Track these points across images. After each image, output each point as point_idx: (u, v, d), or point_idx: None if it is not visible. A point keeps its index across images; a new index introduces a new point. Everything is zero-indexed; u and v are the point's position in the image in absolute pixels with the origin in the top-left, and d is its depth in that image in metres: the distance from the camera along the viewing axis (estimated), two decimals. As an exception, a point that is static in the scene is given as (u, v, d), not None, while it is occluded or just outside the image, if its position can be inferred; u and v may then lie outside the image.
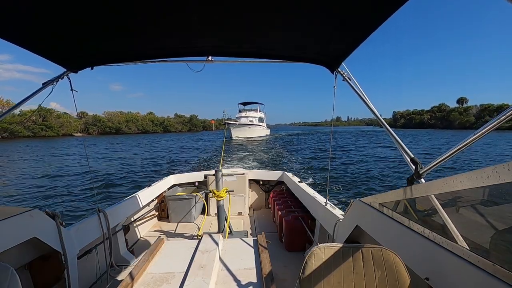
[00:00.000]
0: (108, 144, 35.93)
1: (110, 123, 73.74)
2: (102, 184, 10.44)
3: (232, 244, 2.49)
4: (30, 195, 9.19)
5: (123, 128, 74.81)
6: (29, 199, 8.68)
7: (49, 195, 9.04)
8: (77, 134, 66.06)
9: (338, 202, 7.43)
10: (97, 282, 2.41)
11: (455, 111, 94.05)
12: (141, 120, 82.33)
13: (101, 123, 72.60)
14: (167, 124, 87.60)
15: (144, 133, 78.61)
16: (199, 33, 1.64)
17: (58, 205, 7.79)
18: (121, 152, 24.82)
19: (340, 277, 1.12)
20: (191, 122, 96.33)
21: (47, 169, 14.86)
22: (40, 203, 8.28)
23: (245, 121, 41.66)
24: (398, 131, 15.22)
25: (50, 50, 1.76)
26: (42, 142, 41.97)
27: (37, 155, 23.26)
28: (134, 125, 78.72)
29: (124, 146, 32.70)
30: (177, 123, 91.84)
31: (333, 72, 2.11)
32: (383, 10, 1.22)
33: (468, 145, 1.06)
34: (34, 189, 9.97)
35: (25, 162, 18.53)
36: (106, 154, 22.79)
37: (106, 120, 74.03)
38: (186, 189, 4.61)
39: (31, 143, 37.96)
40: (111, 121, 74.62)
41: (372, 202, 1.74)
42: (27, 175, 12.92)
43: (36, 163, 18.05)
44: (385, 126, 1.75)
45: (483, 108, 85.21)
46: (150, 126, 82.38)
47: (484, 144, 25.35)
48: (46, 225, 1.87)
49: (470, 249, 1.03)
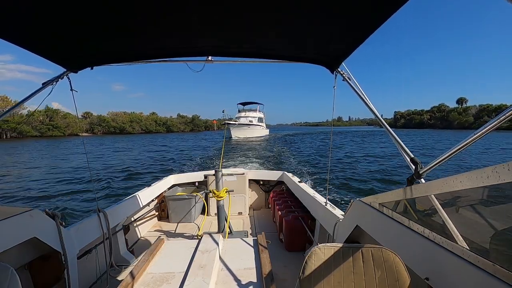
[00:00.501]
0: (121, 142, 37.72)
1: (114, 123, 76.22)
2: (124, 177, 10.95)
3: (232, 244, 2.49)
4: (35, 194, 9.22)
5: (127, 128, 77.13)
6: (31, 199, 8.70)
7: (49, 195, 9.05)
8: (82, 134, 69.39)
9: (338, 202, 7.44)
10: (97, 282, 2.41)
11: (454, 111, 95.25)
12: (145, 120, 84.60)
13: (106, 123, 75.01)
14: (170, 124, 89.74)
15: (147, 133, 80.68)
16: (199, 33, 1.64)
17: (59, 205, 7.79)
18: (133, 151, 26.04)
19: (340, 277, 1.12)
20: (193, 122, 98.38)
21: (53, 169, 15.10)
22: (43, 202, 8.31)
23: (244, 121, 41.80)
24: (398, 131, 15.79)
25: (50, 50, 1.76)
26: (49, 141, 43.06)
27: (49, 154, 23.88)
28: (138, 125, 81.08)
29: (134, 145, 34.15)
30: (179, 123, 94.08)
31: (333, 72, 2.11)
32: (383, 10, 1.22)
33: (468, 145, 1.06)
34: (34, 189, 9.99)
35: (34, 161, 18.92)
36: (121, 153, 24.14)
37: (110, 120, 76.35)
38: (186, 189, 4.61)
39: (39, 143, 38.98)
40: (115, 121, 77.19)
41: (372, 202, 1.74)
42: (34, 175, 13.10)
43: (44, 161, 18.56)
44: (385, 126, 1.75)
45: (482, 109, 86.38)
46: (153, 126, 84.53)
47: (485, 143, 25.65)
48: (46, 225, 1.87)
49: (470, 249, 1.03)
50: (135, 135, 71.76)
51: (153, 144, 34.93)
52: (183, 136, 57.27)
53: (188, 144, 33.97)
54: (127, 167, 14.60)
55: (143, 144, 34.55)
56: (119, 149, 28.37)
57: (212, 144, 32.27)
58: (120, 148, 29.59)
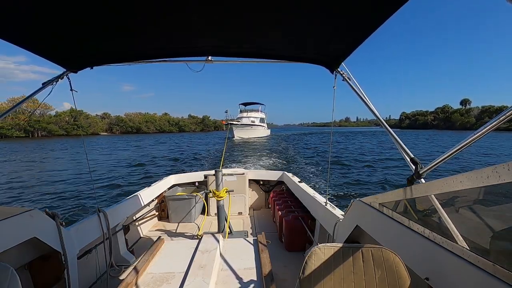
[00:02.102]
0: (151, 141, 41.36)
1: (131, 123, 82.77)
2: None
3: (232, 244, 2.49)
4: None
5: (142, 128, 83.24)
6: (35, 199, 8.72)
7: (51, 195, 9.07)
8: (102, 133, 75.20)
9: (338, 202, 7.43)
10: (97, 282, 2.41)
11: (457, 112, 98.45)
12: (158, 121, 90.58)
13: (123, 123, 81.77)
14: (182, 124, 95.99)
15: (161, 132, 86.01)
16: (199, 33, 1.64)
17: (59, 205, 7.80)
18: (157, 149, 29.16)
19: (340, 277, 1.12)
20: (203, 123, 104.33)
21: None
22: (46, 202, 8.34)
23: (246, 121, 41.99)
24: (401, 131, 15.80)
25: (50, 50, 1.76)
26: (75, 140, 46.42)
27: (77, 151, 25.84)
28: (152, 125, 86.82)
29: (160, 144, 36.68)
30: (191, 123, 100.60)
31: (333, 72, 2.11)
32: (383, 10, 1.22)
33: (468, 145, 1.06)
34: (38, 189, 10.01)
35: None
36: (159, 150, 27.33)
37: (127, 121, 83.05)
38: (186, 189, 4.61)
39: (67, 141, 41.68)
40: (132, 121, 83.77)
41: (372, 202, 1.74)
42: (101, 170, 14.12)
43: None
44: (385, 126, 1.75)
45: (484, 110, 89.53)
46: (166, 126, 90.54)
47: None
48: (46, 225, 1.87)
49: (470, 249, 1.03)
50: (150, 134, 76.84)
51: (182, 141, 39.73)
52: (197, 136, 61.94)
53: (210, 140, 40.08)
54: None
55: (175, 142, 39.27)
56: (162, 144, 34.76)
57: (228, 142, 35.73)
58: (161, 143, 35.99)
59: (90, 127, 71.31)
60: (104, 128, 76.77)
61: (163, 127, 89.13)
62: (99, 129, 73.78)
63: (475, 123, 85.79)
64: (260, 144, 30.17)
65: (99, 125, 74.72)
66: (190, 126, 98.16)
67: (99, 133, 72.77)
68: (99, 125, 74.50)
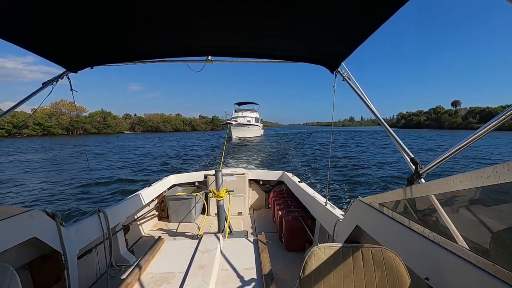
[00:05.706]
0: (178, 136, 47.35)
1: (151, 123, 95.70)
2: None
3: (232, 244, 2.50)
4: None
5: (161, 127, 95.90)
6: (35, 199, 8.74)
7: (52, 194, 9.08)
8: (126, 132, 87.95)
9: (338, 202, 7.43)
10: (97, 282, 2.41)
11: (447, 113, 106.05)
12: (174, 121, 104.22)
13: (144, 123, 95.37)
14: (194, 124, 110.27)
15: (176, 131, 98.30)
16: (199, 33, 1.64)
17: (60, 205, 7.80)
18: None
19: (340, 277, 1.12)
20: (213, 122, 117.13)
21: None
22: (47, 203, 8.38)
23: (243, 121, 42.66)
24: (398, 131, 16.72)
25: (50, 50, 1.76)
26: (105, 137, 53.26)
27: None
28: (169, 125, 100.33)
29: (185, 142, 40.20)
30: (202, 123, 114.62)
31: (333, 72, 2.11)
32: (383, 10, 1.22)
33: (468, 145, 1.06)
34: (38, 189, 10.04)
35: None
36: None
37: (147, 121, 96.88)
38: (186, 189, 4.61)
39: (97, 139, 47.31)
40: (151, 121, 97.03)
41: (372, 202, 1.74)
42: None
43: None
44: (384, 126, 1.75)
45: (470, 111, 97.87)
46: (181, 126, 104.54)
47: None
48: (46, 225, 1.87)
49: (470, 249, 1.03)
50: (168, 133, 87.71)
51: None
52: (209, 133, 70.05)
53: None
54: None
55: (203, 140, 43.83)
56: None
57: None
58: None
59: (117, 126, 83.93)
60: (127, 127, 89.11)
61: (178, 126, 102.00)
62: (123, 128, 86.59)
63: (461, 123, 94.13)
64: (257, 142, 33.99)
65: (124, 124, 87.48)
66: (201, 126, 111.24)
67: (123, 132, 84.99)
68: (124, 125, 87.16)
